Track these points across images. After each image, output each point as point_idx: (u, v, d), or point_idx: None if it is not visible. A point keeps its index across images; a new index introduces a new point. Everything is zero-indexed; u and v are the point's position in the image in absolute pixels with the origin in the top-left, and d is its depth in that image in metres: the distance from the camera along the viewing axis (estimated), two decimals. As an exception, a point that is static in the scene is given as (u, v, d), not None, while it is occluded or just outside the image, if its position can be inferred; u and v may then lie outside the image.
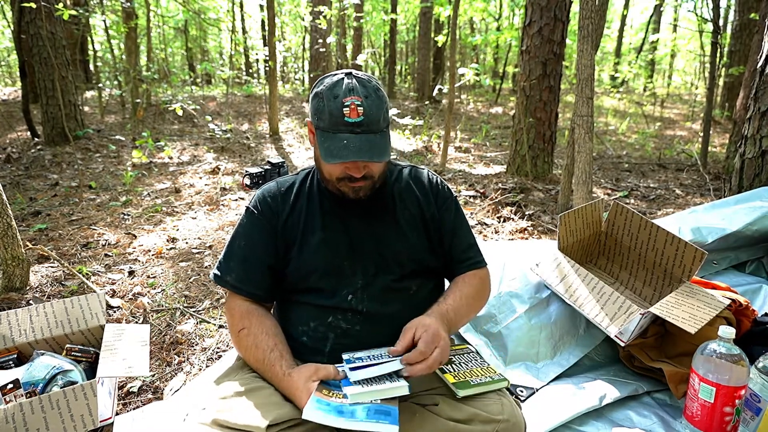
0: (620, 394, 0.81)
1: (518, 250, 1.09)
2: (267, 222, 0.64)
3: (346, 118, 0.56)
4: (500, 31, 6.01)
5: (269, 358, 0.58)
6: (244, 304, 0.63)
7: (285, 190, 0.66)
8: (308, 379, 0.54)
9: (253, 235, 0.64)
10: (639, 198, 2.37)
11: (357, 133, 0.56)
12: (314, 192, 0.66)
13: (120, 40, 5.54)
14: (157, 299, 1.29)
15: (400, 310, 0.63)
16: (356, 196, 0.62)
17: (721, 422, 0.68)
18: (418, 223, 0.66)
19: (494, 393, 0.58)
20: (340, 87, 0.57)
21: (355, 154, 0.56)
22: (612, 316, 0.81)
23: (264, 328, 0.61)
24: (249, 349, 0.60)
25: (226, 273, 0.64)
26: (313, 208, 0.65)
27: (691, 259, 0.88)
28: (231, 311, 0.64)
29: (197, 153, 3.20)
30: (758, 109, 1.30)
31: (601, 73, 8.79)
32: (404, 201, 0.67)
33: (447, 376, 0.59)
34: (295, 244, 0.63)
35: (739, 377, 0.67)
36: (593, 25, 1.44)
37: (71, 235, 1.74)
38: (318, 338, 0.62)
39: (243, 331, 0.61)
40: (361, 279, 0.63)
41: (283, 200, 0.65)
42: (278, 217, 0.64)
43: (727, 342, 0.68)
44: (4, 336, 0.85)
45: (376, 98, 0.58)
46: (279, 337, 0.61)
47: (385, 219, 0.65)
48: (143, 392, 0.93)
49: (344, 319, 0.62)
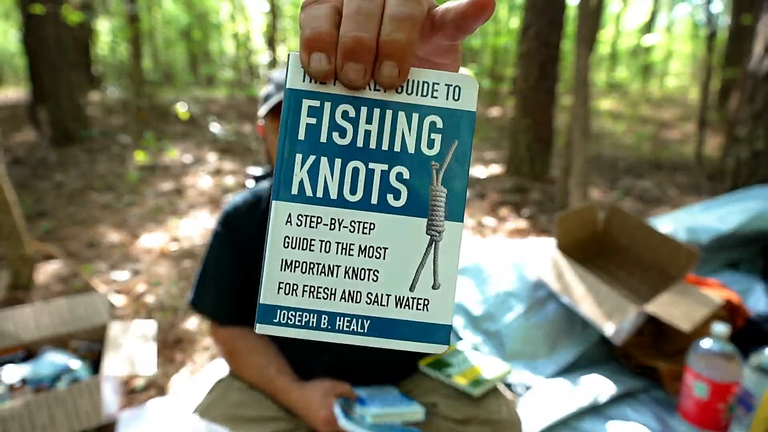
0: (616, 391, 0.82)
1: (516, 249, 1.10)
2: (232, 240, 0.58)
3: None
4: (498, 35, 6.04)
5: (266, 374, 0.55)
6: (226, 330, 0.59)
7: (252, 202, 0.58)
8: (326, 394, 0.52)
9: (221, 258, 0.58)
10: (635, 198, 2.38)
11: None
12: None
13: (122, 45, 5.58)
14: (160, 298, 1.30)
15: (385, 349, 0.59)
16: None
17: (715, 418, 0.69)
18: None
19: (492, 393, 0.58)
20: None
21: None
22: (608, 314, 0.82)
23: (252, 347, 0.57)
24: (242, 371, 0.58)
25: (202, 300, 0.59)
26: None
27: (685, 259, 0.90)
28: (215, 338, 0.60)
29: (200, 154, 3.22)
30: (751, 111, 1.32)
31: (597, 75, 8.82)
32: None
33: (457, 379, 0.58)
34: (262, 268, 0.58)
35: (732, 374, 0.68)
36: (589, 29, 1.47)
37: (76, 235, 1.76)
38: (304, 370, 0.58)
39: (232, 355, 0.58)
40: None
41: (250, 214, 0.58)
42: (244, 233, 0.57)
43: (720, 340, 0.69)
44: (10, 333, 0.86)
45: None
46: (271, 353, 0.57)
47: None
48: (148, 389, 0.94)
49: (328, 354, 0.58)
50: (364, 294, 0.17)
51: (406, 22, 0.16)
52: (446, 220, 0.17)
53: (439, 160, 0.17)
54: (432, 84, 0.17)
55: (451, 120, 0.17)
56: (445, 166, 0.17)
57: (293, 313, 0.16)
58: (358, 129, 0.17)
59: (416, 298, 0.17)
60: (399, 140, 0.17)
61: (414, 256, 0.17)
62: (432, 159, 0.17)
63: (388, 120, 0.17)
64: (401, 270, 0.17)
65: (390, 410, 0.51)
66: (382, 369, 0.62)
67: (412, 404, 0.53)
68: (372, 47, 0.16)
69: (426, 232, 0.17)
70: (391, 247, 0.17)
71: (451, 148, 0.17)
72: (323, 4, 0.16)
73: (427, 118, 0.17)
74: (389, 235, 0.17)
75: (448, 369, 0.62)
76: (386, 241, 0.17)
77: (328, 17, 0.16)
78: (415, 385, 0.62)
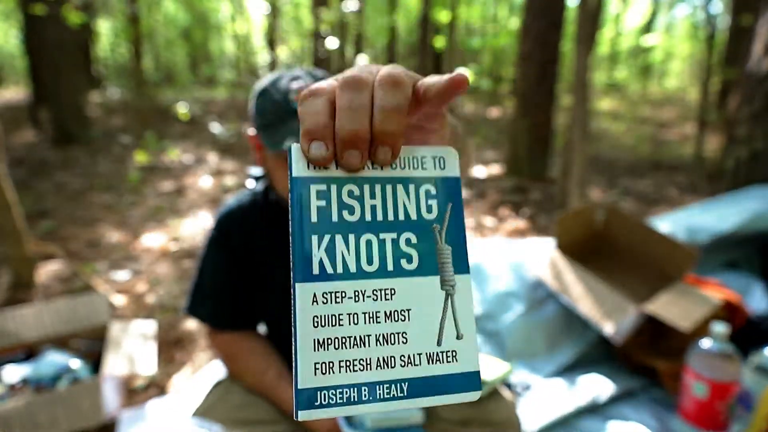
0: (615, 390, 0.82)
1: (516, 249, 1.10)
2: (226, 246, 0.57)
3: (293, 104, 0.48)
4: (498, 35, 6.05)
5: (267, 379, 0.54)
6: (224, 335, 0.58)
7: (243, 210, 0.58)
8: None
9: (216, 263, 0.57)
10: (634, 198, 2.38)
11: None
12: (272, 215, 0.57)
13: (123, 45, 5.58)
14: (161, 298, 1.30)
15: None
16: None
17: (715, 418, 0.69)
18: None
19: (491, 394, 0.57)
20: (281, 79, 0.50)
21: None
22: (607, 314, 0.83)
23: (251, 350, 0.56)
24: (242, 375, 0.56)
25: (198, 306, 0.58)
26: (273, 236, 0.56)
27: (684, 259, 0.90)
28: (214, 342, 0.59)
29: (201, 154, 3.22)
30: (750, 112, 1.32)
31: (596, 76, 8.81)
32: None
33: None
34: (258, 276, 0.57)
35: (731, 374, 0.68)
36: (589, 29, 1.47)
37: (77, 235, 1.76)
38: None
39: (231, 360, 0.57)
40: None
41: (241, 221, 0.57)
42: (237, 240, 0.57)
43: (720, 340, 0.69)
44: (12, 333, 0.86)
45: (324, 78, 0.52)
46: (271, 356, 0.56)
47: None
48: (148, 389, 0.94)
49: None
50: (398, 357, 0.18)
51: (394, 112, 0.18)
52: (456, 274, 0.19)
53: (439, 222, 0.19)
54: (421, 158, 0.20)
55: (442, 186, 0.19)
56: (445, 226, 0.19)
57: (333, 391, 0.17)
58: (365, 205, 0.19)
59: (445, 352, 0.18)
60: (402, 210, 0.19)
61: (435, 312, 0.18)
62: (433, 222, 0.19)
63: (389, 193, 0.19)
64: (426, 328, 0.18)
65: (389, 415, 0.51)
66: None
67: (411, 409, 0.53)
68: (366, 137, 0.18)
69: (440, 288, 0.19)
70: (413, 307, 0.18)
71: (447, 210, 0.19)
72: (318, 97, 0.19)
73: (422, 188, 0.19)
74: (409, 296, 0.18)
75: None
76: (408, 303, 0.18)
77: (324, 110, 0.18)
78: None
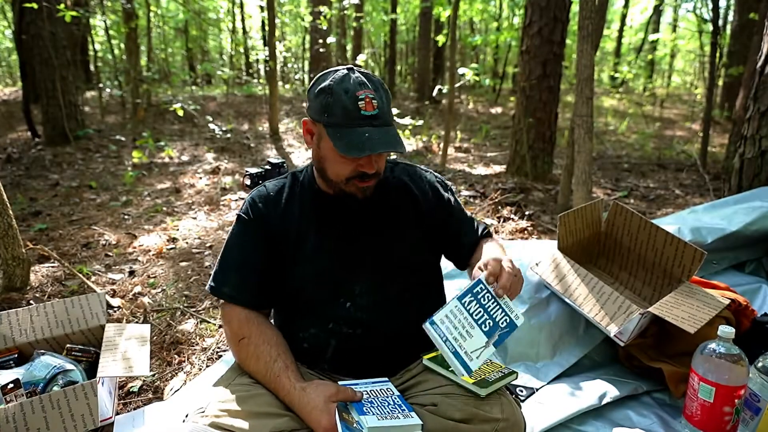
0: (620, 393, 0.81)
1: (518, 250, 1.09)
2: (259, 227, 0.62)
3: (362, 111, 0.55)
4: (500, 32, 6.01)
5: (273, 369, 0.56)
6: (242, 312, 0.61)
7: (275, 194, 0.64)
8: (328, 400, 0.52)
9: (246, 242, 0.62)
10: (639, 198, 2.37)
11: (376, 126, 0.55)
12: (306, 196, 0.64)
13: (120, 41, 5.54)
14: (157, 299, 1.29)
15: (401, 312, 0.62)
16: (364, 195, 0.60)
17: (721, 422, 0.68)
18: (416, 222, 0.64)
19: (493, 393, 0.57)
20: (349, 81, 0.56)
21: (381, 145, 0.54)
22: (611, 315, 0.81)
23: (265, 338, 0.58)
24: (250, 359, 0.58)
25: (222, 284, 0.62)
26: (306, 214, 0.62)
27: (690, 259, 0.88)
28: (229, 321, 0.61)
29: (197, 153, 3.20)
30: (757, 110, 1.30)
31: (600, 73, 8.78)
32: (401, 200, 0.65)
33: (464, 378, 0.57)
34: (289, 252, 0.61)
35: (738, 377, 0.67)
36: (593, 26, 1.45)
37: (72, 235, 1.74)
38: (319, 344, 0.61)
39: (243, 340, 0.59)
40: (359, 287, 0.61)
41: (274, 204, 0.63)
42: (270, 222, 0.62)
43: (726, 342, 0.68)
44: (4, 336, 0.85)
45: (383, 92, 0.58)
46: (282, 347, 0.59)
47: (382, 221, 0.63)
48: (144, 392, 0.93)
49: (346, 324, 0.61)
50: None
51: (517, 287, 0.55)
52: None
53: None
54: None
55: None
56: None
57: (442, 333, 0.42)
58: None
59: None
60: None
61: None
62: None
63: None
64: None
65: (387, 423, 0.50)
66: (394, 343, 0.62)
67: (410, 416, 0.52)
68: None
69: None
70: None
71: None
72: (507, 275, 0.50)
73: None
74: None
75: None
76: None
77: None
78: (417, 380, 0.62)
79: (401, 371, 0.63)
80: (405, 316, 0.62)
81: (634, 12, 8.82)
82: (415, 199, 0.66)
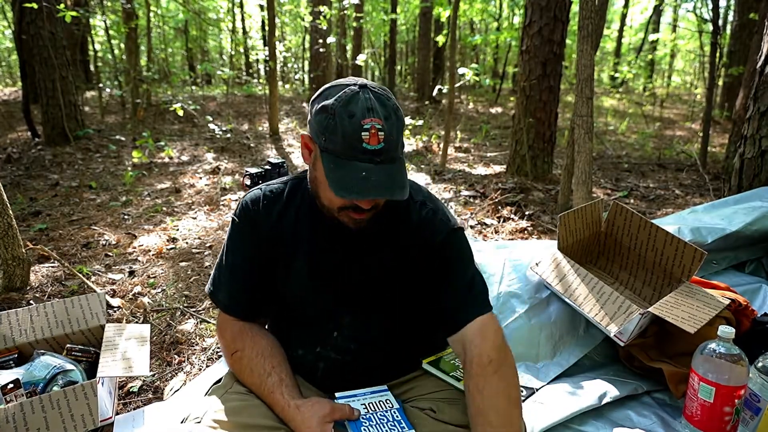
0: (620, 393, 0.81)
1: (518, 250, 1.09)
2: (250, 232, 0.58)
3: (364, 144, 0.46)
4: (500, 31, 6.01)
5: (267, 383, 0.54)
6: (236, 324, 0.59)
7: (271, 198, 0.58)
8: (322, 420, 0.50)
9: (238, 247, 0.59)
10: (639, 198, 2.37)
11: (376, 163, 0.47)
12: (304, 210, 0.58)
13: (120, 41, 5.54)
14: (157, 299, 1.29)
15: (392, 348, 0.60)
16: (357, 227, 0.53)
17: (721, 422, 0.68)
18: (414, 260, 0.57)
19: None
20: (356, 104, 0.47)
21: (375, 190, 0.47)
22: (612, 315, 0.81)
23: (258, 350, 0.56)
24: (244, 372, 0.56)
25: (218, 288, 0.60)
26: (301, 229, 0.57)
27: (690, 259, 0.88)
28: (222, 332, 0.59)
29: (197, 153, 3.20)
30: (758, 110, 1.30)
31: (600, 73, 8.78)
32: (405, 238, 0.57)
33: (462, 383, 0.58)
34: (279, 265, 0.58)
35: (738, 377, 0.67)
36: (593, 26, 1.45)
37: (71, 235, 1.74)
38: (308, 365, 0.59)
39: (236, 354, 0.57)
40: (348, 318, 0.58)
41: (268, 209, 0.58)
42: (261, 226, 0.57)
43: (726, 342, 0.68)
44: (4, 336, 0.85)
45: (395, 120, 0.49)
46: (276, 358, 0.56)
47: (379, 252, 0.57)
48: (143, 392, 0.93)
49: (333, 350, 0.58)
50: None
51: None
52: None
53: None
54: None
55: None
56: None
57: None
58: None
59: None
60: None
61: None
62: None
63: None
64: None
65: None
66: (385, 368, 0.61)
67: (404, 429, 0.52)
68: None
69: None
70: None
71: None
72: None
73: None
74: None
75: (453, 372, 0.61)
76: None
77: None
78: (416, 384, 0.61)
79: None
80: (396, 350, 0.60)
81: (634, 12, 8.83)
82: (418, 243, 0.57)
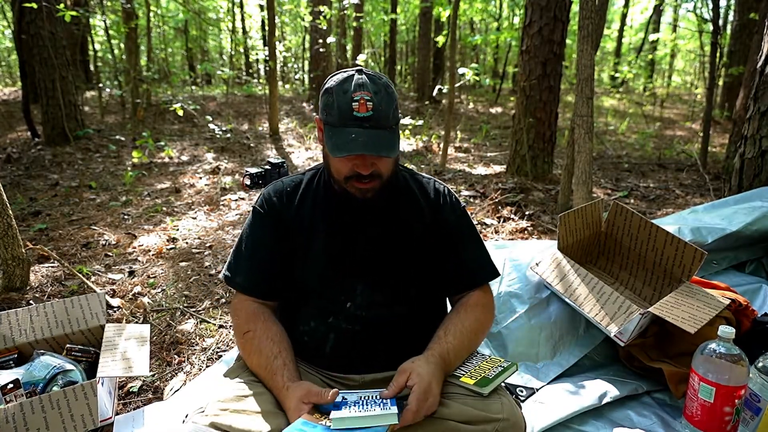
0: (620, 393, 0.81)
1: (518, 250, 1.08)
2: (273, 221, 0.64)
3: (354, 113, 0.55)
4: (500, 31, 6.01)
5: (272, 365, 0.57)
6: (251, 305, 0.63)
7: (291, 189, 0.66)
8: (299, 401, 0.53)
9: (260, 235, 0.64)
10: (639, 198, 2.36)
11: (365, 128, 0.55)
12: (320, 194, 0.65)
13: (120, 41, 5.54)
14: (157, 299, 1.29)
15: (401, 316, 0.63)
16: (363, 197, 0.60)
17: (721, 422, 0.68)
18: (423, 233, 0.64)
19: (494, 392, 0.58)
20: (350, 82, 0.57)
21: (362, 147, 0.54)
22: (612, 315, 0.81)
23: (269, 334, 0.60)
24: (252, 353, 0.59)
25: (235, 274, 0.64)
26: (318, 211, 0.64)
27: (690, 259, 0.88)
28: (237, 312, 0.63)
29: (197, 153, 3.20)
30: (758, 109, 1.30)
31: (600, 73, 8.78)
32: (411, 210, 0.65)
33: (464, 379, 0.58)
34: (299, 246, 0.63)
35: (738, 377, 0.67)
36: (593, 25, 1.45)
37: (71, 235, 1.74)
38: (318, 338, 0.62)
39: (248, 333, 0.60)
40: (360, 287, 0.62)
41: (289, 200, 0.65)
42: (283, 217, 0.64)
43: (726, 342, 0.68)
44: (4, 336, 0.85)
45: (385, 95, 0.57)
46: (283, 344, 0.60)
47: (391, 226, 0.64)
48: (143, 392, 0.93)
49: (345, 320, 0.62)
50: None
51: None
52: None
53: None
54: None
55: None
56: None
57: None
58: None
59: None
60: None
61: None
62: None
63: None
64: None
65: (355, 414, 0.49)
66: (390, 343, 0.62)
67: (389, 409, 0.50)
68: None
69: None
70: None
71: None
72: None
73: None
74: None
75: (457, 368, 0.61)
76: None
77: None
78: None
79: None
80: (404, 318, 0.62)
81: (634, 12, 8.83)
82: (423, 212, 0.65)
